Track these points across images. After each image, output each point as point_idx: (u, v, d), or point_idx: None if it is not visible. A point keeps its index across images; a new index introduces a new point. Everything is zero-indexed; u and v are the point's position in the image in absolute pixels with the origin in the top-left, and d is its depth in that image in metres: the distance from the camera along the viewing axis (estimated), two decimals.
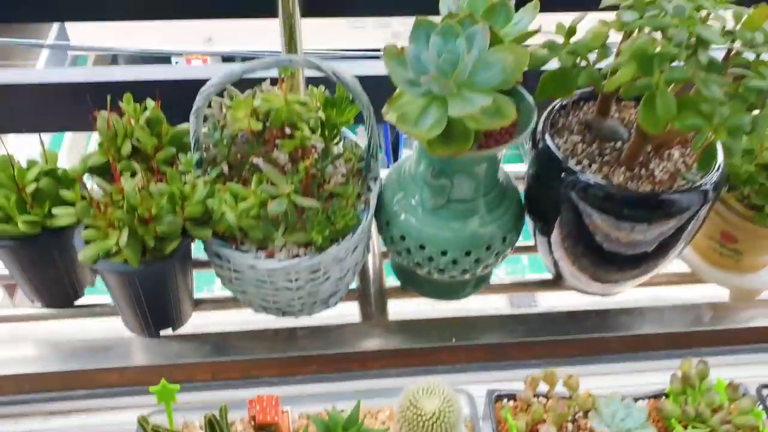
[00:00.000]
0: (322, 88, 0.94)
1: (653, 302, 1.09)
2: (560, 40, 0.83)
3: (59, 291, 0.96)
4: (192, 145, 0.86)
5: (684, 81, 0.71)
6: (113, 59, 8.69)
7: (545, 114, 0.91)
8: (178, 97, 0.87)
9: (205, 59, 7.34)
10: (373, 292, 1.05)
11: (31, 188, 0.84)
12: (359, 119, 0.91)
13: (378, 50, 0.82)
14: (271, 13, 0.98)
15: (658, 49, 0.73)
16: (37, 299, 0.98)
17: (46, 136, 0.95)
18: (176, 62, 7.43)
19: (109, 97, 0.88)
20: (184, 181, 0.84)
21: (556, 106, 0.93)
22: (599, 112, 0.89)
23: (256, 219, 0.83)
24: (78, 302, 1.00)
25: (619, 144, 0.88)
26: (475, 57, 0.75)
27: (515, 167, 1.09)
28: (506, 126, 0.79)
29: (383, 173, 0.96)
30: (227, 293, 0.98)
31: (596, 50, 0.80)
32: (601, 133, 0.88)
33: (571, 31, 0.80)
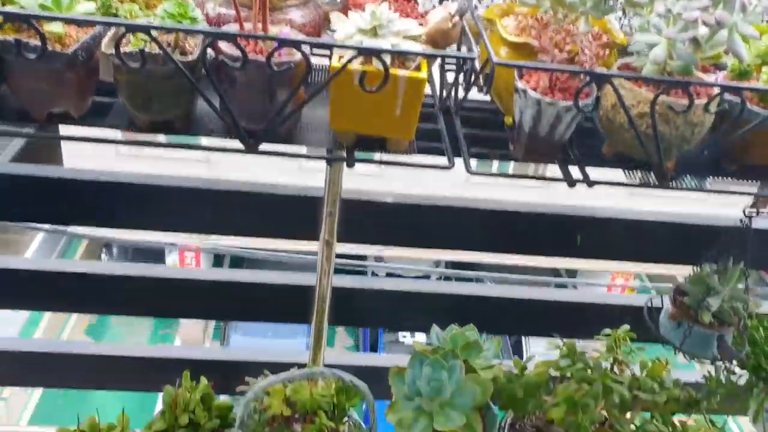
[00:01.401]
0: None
1: None
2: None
3: None
4: (236, 425, 1.13)
5: (600, 422, 1.02)
6: (106, 246, 9.05)
7: (506, 419, 1.20)
8: None
9: (198, 253, 7.78)
10: None
11: None
12: None
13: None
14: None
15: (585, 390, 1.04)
16: None
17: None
18: (169, 251, 7.85)
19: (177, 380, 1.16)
20: None
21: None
22: (547, 419, 1.19)
23: None
24: None
25: None
26: (453, 387, 1.06)
27: None
28: None
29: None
30: None
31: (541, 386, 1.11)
32: None
33: (523, 368, 1.12)
